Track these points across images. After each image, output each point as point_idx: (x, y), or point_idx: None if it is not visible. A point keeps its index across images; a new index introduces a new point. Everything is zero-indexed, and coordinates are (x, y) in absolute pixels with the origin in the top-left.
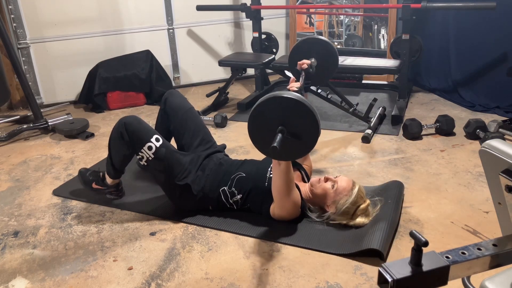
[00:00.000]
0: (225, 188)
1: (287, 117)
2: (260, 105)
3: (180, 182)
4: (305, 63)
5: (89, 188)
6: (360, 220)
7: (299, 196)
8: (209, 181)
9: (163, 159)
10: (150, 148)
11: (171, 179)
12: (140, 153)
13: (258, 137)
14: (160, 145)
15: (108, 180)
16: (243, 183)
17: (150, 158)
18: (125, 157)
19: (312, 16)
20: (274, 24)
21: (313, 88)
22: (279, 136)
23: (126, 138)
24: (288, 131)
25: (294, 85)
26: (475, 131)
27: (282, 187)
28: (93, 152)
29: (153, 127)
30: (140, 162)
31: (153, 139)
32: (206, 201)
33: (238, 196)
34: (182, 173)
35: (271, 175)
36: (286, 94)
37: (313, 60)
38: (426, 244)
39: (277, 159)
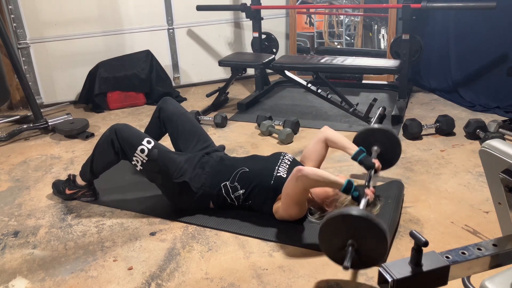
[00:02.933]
0: (227, 183)
1: (358, 233)
2: (332, 218)
3: (177, 180)
4: (379, 167)
5: (64, 195)
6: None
7: (306, 209)
8: (209, 177)
9: (157, 159)
10: (142, 151)
11: (168, 179)
12: (134, 158)
13: (327, 241)
14: (152, 146)
15: (79, 181)
16: (247, 179)
17: (144, 161)
18: (108, 164)
19: (312, 16)
20: (274, 24)
21: (313, 88)
22: (349, 252)
23: (117, 145)
24: (357, 246)
25: (370, 195)
26: (475, 131)
27: (292, 198)
28: None
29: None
30: (136, 168)
31: (144, 142)
32: (206, 198)
33: (241, 191)
34: (178, 172)
35: (278, 174)
36: (366, 215)
37: (376, 148)
38: (426, 244)
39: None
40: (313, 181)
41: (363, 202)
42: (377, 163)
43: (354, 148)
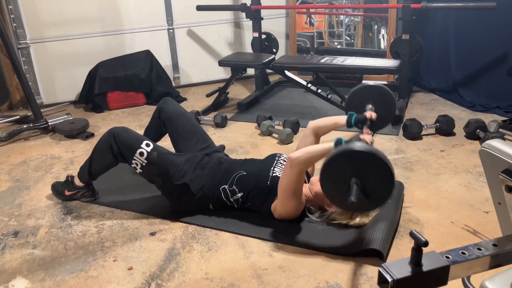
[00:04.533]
0: (226, 187)
1: (362, 171)
2: (335, 156)
3: (177, 182)
4: (373, 115)
5: (63, 197)
6: (360, 219)
7: (304, 201)
8: (209, 179)
9: (156, 162)
10: (141, 154)
11: (168, 181)
12: (133, 162)
13: (330, 184)
14: (151, 149)
15: (77, 182)
16: (244, 182)
17: (143, 164)
18: (106, 167)
19: (312, 16)
20: (274, 24)
21: (313, 88)
22: (355, 188)
23: (116, 149)
24: (362, 185)
25: (368, 138)
26: (475, 131)
27: (289, 189)
28: None
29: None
30: (136, 171)
31: (143, 145)
32: (206, 200)
33: (239, 195)
34: (178, 173)
35: (274, 174)
36: (366, 148)
37: (370, 106)
38: (426, 244)
39: (343, 209)
40: (306, 159)
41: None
42: (368, 113)
43: (344, 117)
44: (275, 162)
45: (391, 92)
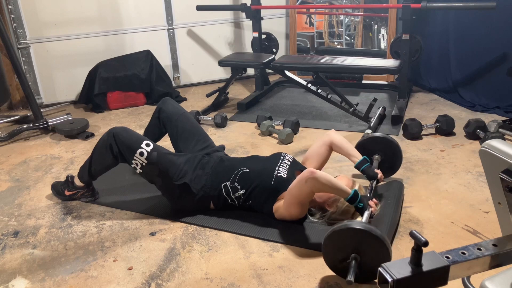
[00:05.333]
0: (227, 183)
1: (361, 246)
2: (337, 231)
3: (178, 182)
4: (382, 178)
5: (63, 197)
6: (360, 219)
7: (307, 210)
8: (210, 178)
9: (156, 162)
10: (141, 154)
11: (169, 181)
12: (133, 162)
13: (330, 252)
14: (151, 149)
15: (77, 182)
16: (247, 179)
17: (144, 164)
18: (106, 167)
19: (312, 16)
20: (274, 24)
21: (313, 88)
22: (352, 265)
23: (116, 149)
24: (360, 260)
25: (373, 208)
26: (475, 131)
27: (297, 198)
28: None
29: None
30: (136, 171)
31: (143, 145)
32: (207, 199)
33: (241, 192)
34: (178, 173)
35: (278, 174)
36: (371, 229)
37: (377, 157)
38: (426, 244)
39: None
40: (322, 186)
41: (366, 214)
42: (379, 173)
43: (358, 157)
44: (280, 161)
45: (399, 145)
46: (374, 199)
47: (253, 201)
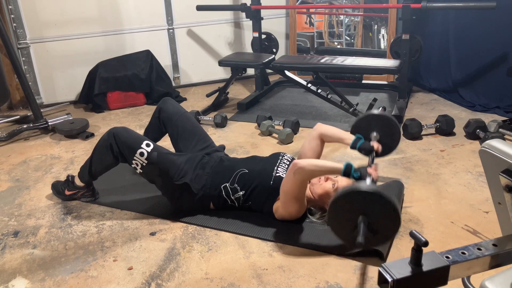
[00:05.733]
0: (227, 185)
1: (368, 209)
2: (342, 195)
3: (178, 182)
4: (379, 147)
5: (63, 196)
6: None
7: (305, 206)
8: (210, 178)
9: (156, 162)
10: (142, 154)
11: (169, 181)
12: (133, 162)
13: (337, 222)
14: (151, 149)
15: (78, 182)
16: (247, 180)
17: (144, 164)
18: (107, 167)
19: (312, 16)
20: (274, 24)
21: (313, 88)
22: (362, 227)
23: (116, 149)
24: (368, 223)
25: (374, 174)
26: (475, 131)
27: (291, 194)
28: None
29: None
30: (136, 171)
31: (143, 145)
32: (207, 199)
33: (241, 193)
34: (178, 173)
35: (277, 174)
36: (373, 189)
37: (375, 134)
38: (426, 244)
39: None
40: (311, 171)
41: (368, 180)
42: (376, 144)
43: (351, 137)
44: (279, 161)
45: (397, 122)
46: (373, 165)
47: (253, 201)
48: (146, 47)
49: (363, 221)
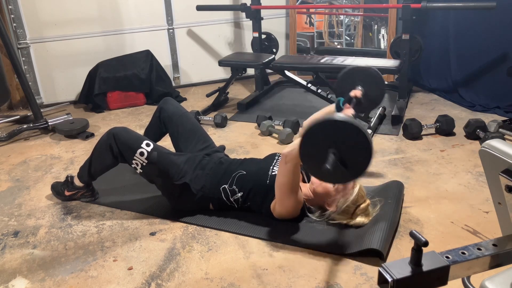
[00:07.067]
0: (226, 186)
1: (340, 140)
2: (315, 125)
3: (178, 182)
4: (358, 93)
5: (63, 197)
6: (360, 219)
7: (302, 198)
8: (209, 179)
9: (156, 162)
10: (142, 154)
11: (169, 181)
12: (133, 162)
13: (307, 154)
14: (151, 149)
15: (77, 182)
16: (244, 181)
17: (144, 164)
18: (106, 167)
19: (312, 16)
20: (274, 24)
21: (313, 88)
22: (331, 157)
23: (116, 149)
24: (340, 155)
25: (349, 111)
26: (475, 131)
27: (286, 186)
28: None
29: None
30: (136, 171)
31: (143, 145)
32: (206, 200)
33: (239, 194)
34: (178, 173)
35: (273, 173)
36: (343, 117)
37: (360, 88)
38: (426, 244)
39: (321, 180)
40: (298, 152)
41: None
42: (352, 92)
43: (333, 105)
44: (275, 161)
45: (379, 72)
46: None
47: (251, 202)
48: (146, 47)
49: (333, 152)
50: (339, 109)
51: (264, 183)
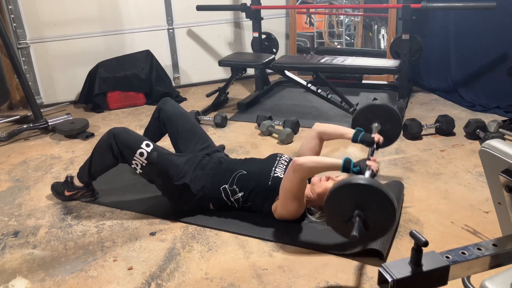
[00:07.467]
0: (226, 186)
1: (364, 202)
2: (339, 188)
3: (178, 182)
4: (381, 139)
5: (63, 197)
6: None
7: (305, 203)
8: (209, 179)
9: (156, 163)
10: (141, 154)
11: (169, 181)
12: (133, 162)
13: (333, 213)
14: (151, 149)
15: (77, 182)
16: (245, 181)
17: (144, 164)
18: (106, 167)
19: (312, 16)
20: (274, 24)
21: (313, 88)
22: (358, 223)
23: (116, 149)
24: (364, 217)
25: (374, 166)
26: (475, 131)
27: (290, 192)
28: None
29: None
30: (136, 171)
31: (143, 145)
32: (206, 200)
33: (240, 194)
34: (178, 174)
35: (275, 175)
36: (368, 182)
37: (376, 125)
38: (426, 244)
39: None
40: (310, 168)
41: (367, 173)
42: (376, 136)
43: (351, 131)
44: (277, 162)
45: (397, 110)
46: (372, 157)
47: (252, 202)
48: (146, 47)
49: (359, 214)
50: (355, 141)
51: (266, 184)
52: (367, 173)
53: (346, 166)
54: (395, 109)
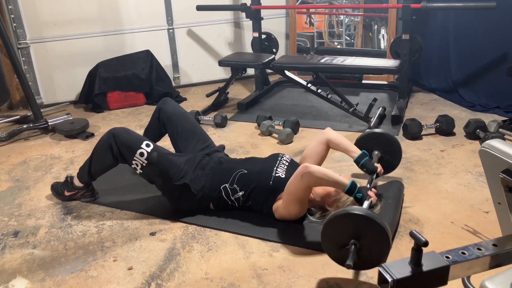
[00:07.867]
0: (226, 185)
1: (360, 232)
2: (336, 217)
3: (178, 182)
4: (382, 172)
5: (63, 197)
6: None
7: (307, 206)
8: (209, 179)
9: (156, 163)
10: (141, 154)
11: (169, 181)
12: (133, 162)
13: (329, 239)
14: (151, 150)
15: (77, 182)
16: (246, 180)
17: (144, 165)
18: (106, 168)
19: (312, 16)
20: (274, 24)
21: (313, 88)
22: (354, 253)
23: (116, 149)
24: (359, 246)
25: (373, 198)
26: (475, 131)
27: (294, 195)
28: None
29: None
30: (136, 171)
31: (143, 145)
32: (207, 200)
33: (240, 193)
34: (178, 174)
35: (276, 175)
36: (365, 213)
37: (376, 153)
38: (426, 244)
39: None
40: (318, 179)
41: (366, 203)
42: (379, 167)
43: (357, 151)
44: (278, 162)
45: (397, 140)
46: (373, 189)
47: (253, 202)
48: (146, 47)
49: (354, 243)
50: (357, 163)
51: (267, 184)
52: (366, 204)
53: (351, 189)
54: (395, 138)
